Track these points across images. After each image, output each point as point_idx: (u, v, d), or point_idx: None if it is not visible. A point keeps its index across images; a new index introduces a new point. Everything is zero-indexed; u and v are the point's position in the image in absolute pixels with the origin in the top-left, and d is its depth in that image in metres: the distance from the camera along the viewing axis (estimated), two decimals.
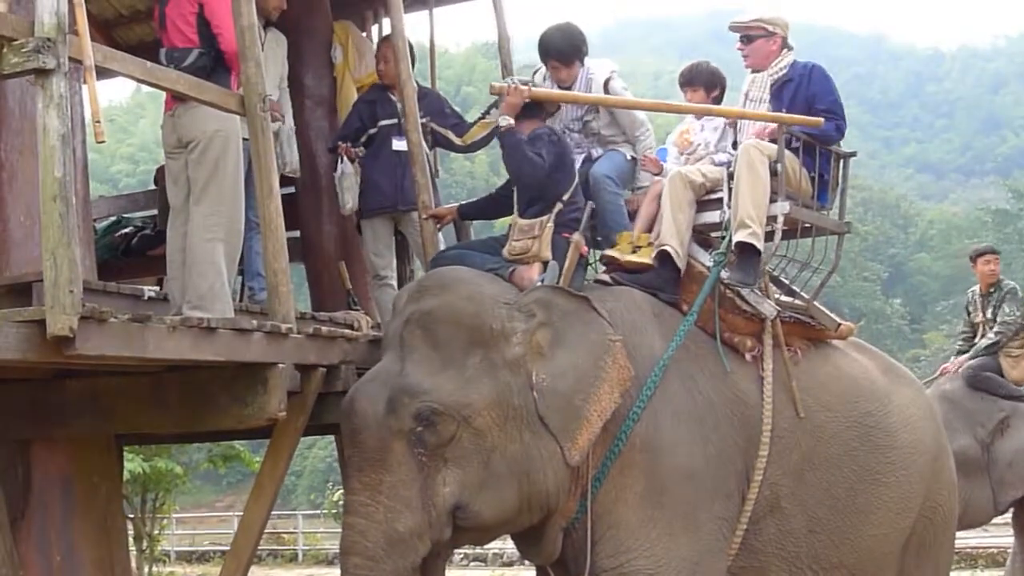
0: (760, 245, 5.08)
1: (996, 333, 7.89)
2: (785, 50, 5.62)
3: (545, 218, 4.99)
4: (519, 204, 5.17)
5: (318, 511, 25.03)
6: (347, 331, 5.13)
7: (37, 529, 4.75)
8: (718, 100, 5.77)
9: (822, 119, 5.29)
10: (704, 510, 4.68)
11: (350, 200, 6.05)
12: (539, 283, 4.79)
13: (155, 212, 6.68)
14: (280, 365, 4.53)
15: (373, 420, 4.32)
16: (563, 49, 5.62)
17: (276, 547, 23.56)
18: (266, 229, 4.71)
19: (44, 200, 3.77)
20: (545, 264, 4.89)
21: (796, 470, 4.99)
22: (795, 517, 5.00)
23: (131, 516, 16.09)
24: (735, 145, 5.48)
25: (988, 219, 49.31)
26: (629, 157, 5.67)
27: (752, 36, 5.61)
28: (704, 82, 5.74)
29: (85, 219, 4.98)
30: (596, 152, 5.71)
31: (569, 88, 5.64)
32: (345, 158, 6.06)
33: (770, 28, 5.58)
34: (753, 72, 5.70)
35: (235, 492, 26.80)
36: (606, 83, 5.63)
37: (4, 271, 4.57)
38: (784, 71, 5.53)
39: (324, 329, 4.96)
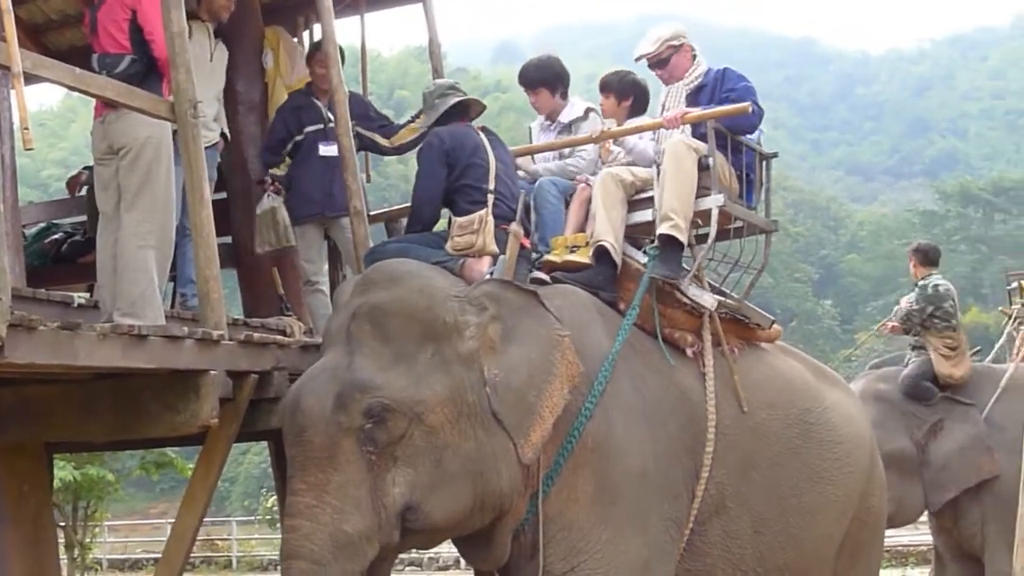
0: (683, 238, 5.07)
1: (901, 320, 8.04)
2: (696, 59, 5.71)
3: (484, 212, 4.93)
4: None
5: (252, 517, 24.89)
6: (280, 337, 5.11)
7: None
8: (634, 108, 5.82)
9: (749, 104, 5.30)
10: (654, 511, 4.62)
11: (267, 241, 6.02)
12: (489, 276, 4.72)
13: (85, 218, 6.62)
14: (212, 372, 4.49)
15: (320, 417, 4.10)
16: (531, 78, 5.89)
17: (210, 554, 23.36)
18: (197, 236, 4.67)
19: None
20: (494, 257, 4.84)
21: (740, 469, 4.97)
22: (740, 518, 4.97)
23: (62, 524, 15.91)
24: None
25: (916, 220, 50.23)
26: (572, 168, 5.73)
27: (665, 57, 5.67)
28: (615, 90, 5.81)
29: (14, 225, 4.95)
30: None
31: (554, 116, 5.90)
32: (271, 193, 6.05)
33: (676, 43, 5.65)
34: (665, 83, 5.77)
35: (168, 499, 26.58)
36: (585, 114, 5.85)
37: None
38: (699, 79, 5.61)
39: (256, 335, 4.92)
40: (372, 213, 6.12)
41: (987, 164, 67.70)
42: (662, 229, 5.04)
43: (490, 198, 5.02)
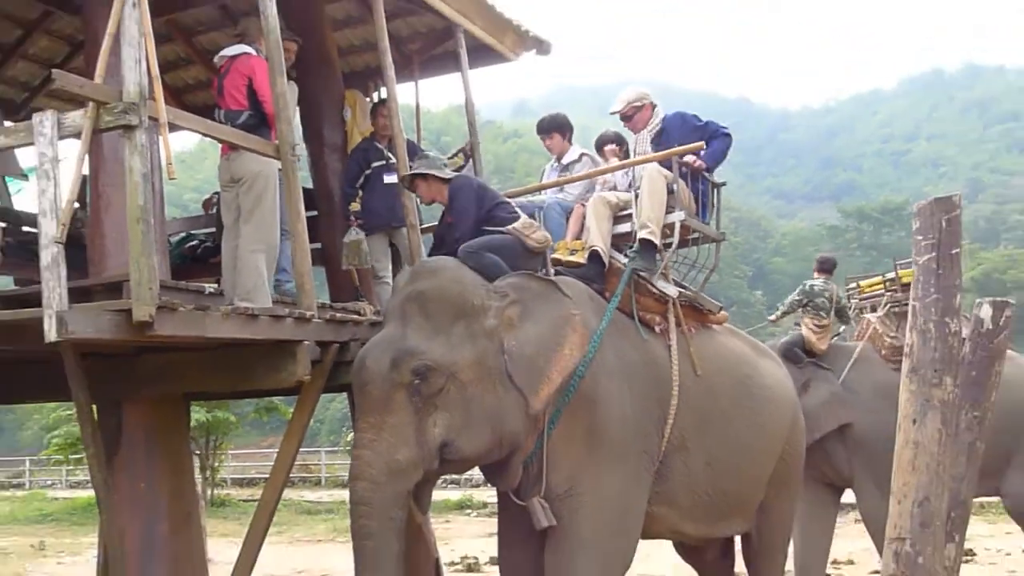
0: (657, 241, 5.10)
1: (788, 306, 8.04)
2: (656, 110, 5.72)
3: (529, 219, 5.06)
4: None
5: (336, 448, 24.95)
6: (355, 316, 5.10)
7: (126, 464, 4.74)
8: (623, 153, 5.86)
9: (703, 143, 5.35)
10: (632, 447, 4.62)
11: (352, 263, 5.93)
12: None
13: (214, 230, 6.64)
14: (305, 342, 4.54)
15: (379, 374, 4.16)
16: (547, 127, 6.07)
17: (304, 475, 23.47)
18: (295, 243, 4.69)
19: (130, 222, 3.78)
20: None
21: (696, 417, 4.94)
22: (696, 454, 4.95)
23: (197, 453, 16.02)
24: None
25: (824, 232, 50.19)
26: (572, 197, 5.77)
27: (630, 115, 5.73)
28: (615, 141, 5.92)
29: (161, 235, 4.95)
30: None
31: (561, 156, 6.03)
32: (356, 228, 6.00)
33: (639, 103, 5.70)
34: (634, 132, 5.80)
35: (274, 435, 26.62)
36: (580, 157, 5.94)
37: (102, 273, 4.55)
38: (659, 125, 5.65)
39: (338, 315, 4.93)
40: (423, 226, 6.11)
41: (877, 191, 67.17)
42: (641, 234, 5.07)
43: (520, 211, 5.07)
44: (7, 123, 7.42)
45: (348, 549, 4.35)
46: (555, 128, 6.04)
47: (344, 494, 18.20)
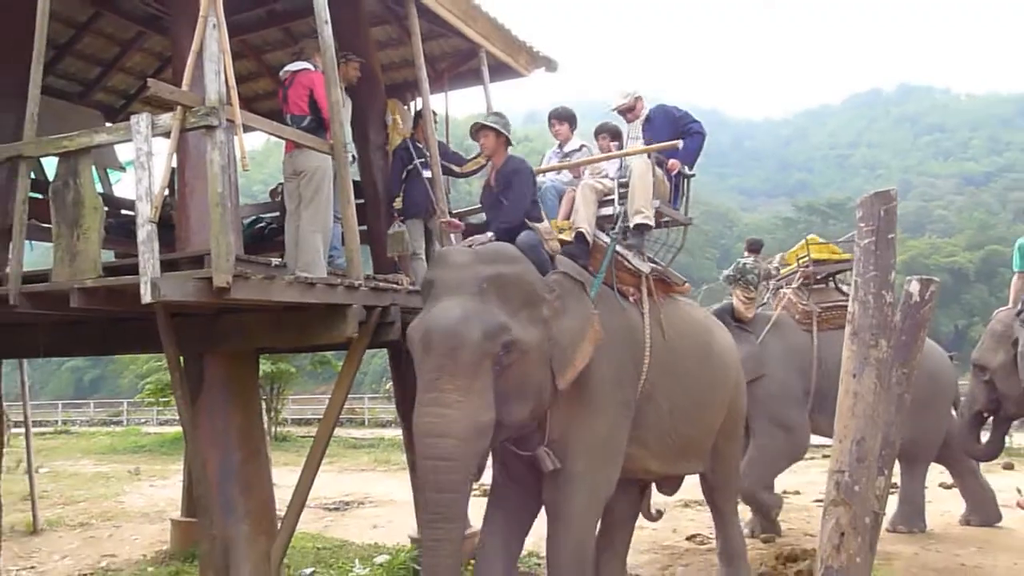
0: (652, 223, 5.04)
1: (725, 279, 7.91)
2: (642, 103, 5.75)
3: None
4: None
5: (377, 395, 24.99)
6: (395, 285, 5.12)
7: (208, 406, 4.76)
8: (617, 144, 5.76)
9: (678, 142, 5.25)
10: (613, 399, 4.51)
11: (395, 251, 5.93)
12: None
13: (278, 214, 6.65)
14: (354, 306, 4.53)
15: (472, 342, 3.76)
16: (560, 115, 5.91)
17: (351, 416, 23.55)
18: (346, 224, 4.69)
19: (211, 206, 3.79)
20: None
21: (664, 374, 4.85)
22: (662, 404, 4.87)
23: (264, 398, 16.09)
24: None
25: (780, 223, 49.74)
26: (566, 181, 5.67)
27: (632, 105, 5.72)
28: (610, 131, 5.82)
29: (236, 218, 4.94)
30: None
31: (564, 143, 5.87)
32: (398, 222, 6.00)
33: (637, 95, 5.73)
34: (628, 122, 5.78)
35: (326, 384, 26.64)
36: (580, 148, 5.82)
37: (187, 248, 4.55)
38: (645, 114, 5.67)
39: (381, 284, 4.94)
40: (453, 212, 6.09)
41: (824, 189, 66.57)
42: (636, 220, 4.97)
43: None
44: (108, 124, 7.46)
45: (386, 477, 4.36)
46: (567, 118, 5.92)
47: (383, 432, 18.26)
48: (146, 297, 3.60)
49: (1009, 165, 68.60)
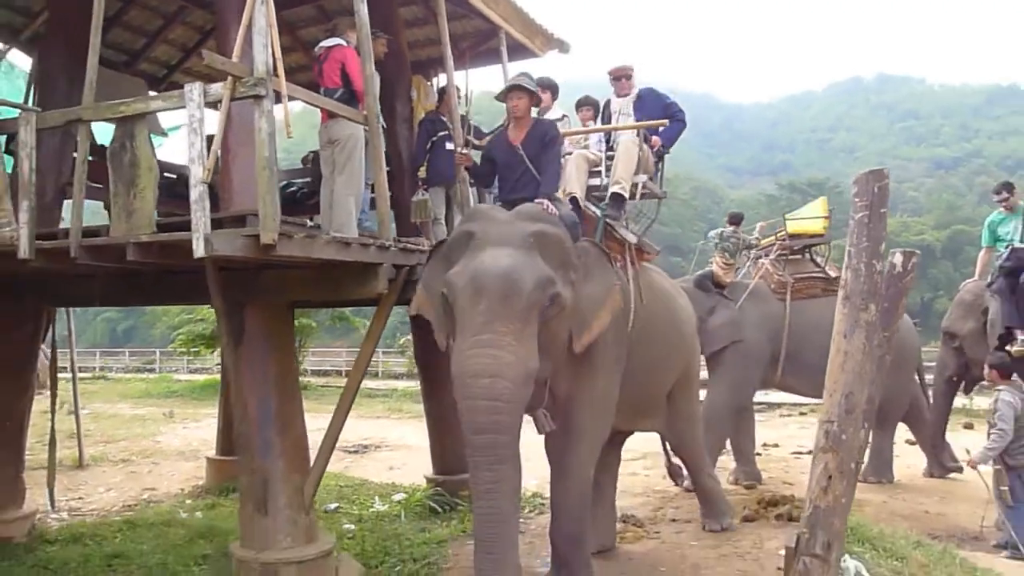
0: (626, 195, 5.06)
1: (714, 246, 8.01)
2: (634, 81, 5.80)
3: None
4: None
5: (391, 349, 24.94)
6: (419, 247, 5.14)
7: (248, 353, 4.78)
8: (595, 117, 5.84)
9: (667, 120, 5.35)
10: (608, 359, 4.47)
11: (419, 217, 5.91)
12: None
13: (309, 179, 6.65)
14: (384, 264, 4.56)
15: (525, 290, 3.61)
16: (543, 83, 5.67)
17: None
18: (377, 189, 4.70)
19: (258, 169, 3.80)
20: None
21: (643, 333, 4.82)
22: (642, 359, 4.85)
23: None
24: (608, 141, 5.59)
25: (764, 199, 49.50)
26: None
27: (621, 76, 5.77)
28: (591, 104, 5.90)
29: (272, 183, 4.96)
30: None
31: (544, 112, 5.67)
32: (422, 190, 5.97)
33: (630, 72, 5.76)
34: (618, 97, 5.78)
35: (342, 338, 26.78)
36: (561, 117, 5.73)
37: (231, 207, 4.55)
38: (635, 93, 5.71)
39: (408, 245, 4.95)
40: (471, 181, 6.09)
41: (806, 169, 66.20)
42: (614, 189, 5.05)
43: None
44: (151, 92, 7.41)
45: (400, 424, 4.37)
46: (548, 86, 5.79)
47: (396, 383, 18.25)
48: (199, 251, 3.62)
49: (977, 151, 68.38)
